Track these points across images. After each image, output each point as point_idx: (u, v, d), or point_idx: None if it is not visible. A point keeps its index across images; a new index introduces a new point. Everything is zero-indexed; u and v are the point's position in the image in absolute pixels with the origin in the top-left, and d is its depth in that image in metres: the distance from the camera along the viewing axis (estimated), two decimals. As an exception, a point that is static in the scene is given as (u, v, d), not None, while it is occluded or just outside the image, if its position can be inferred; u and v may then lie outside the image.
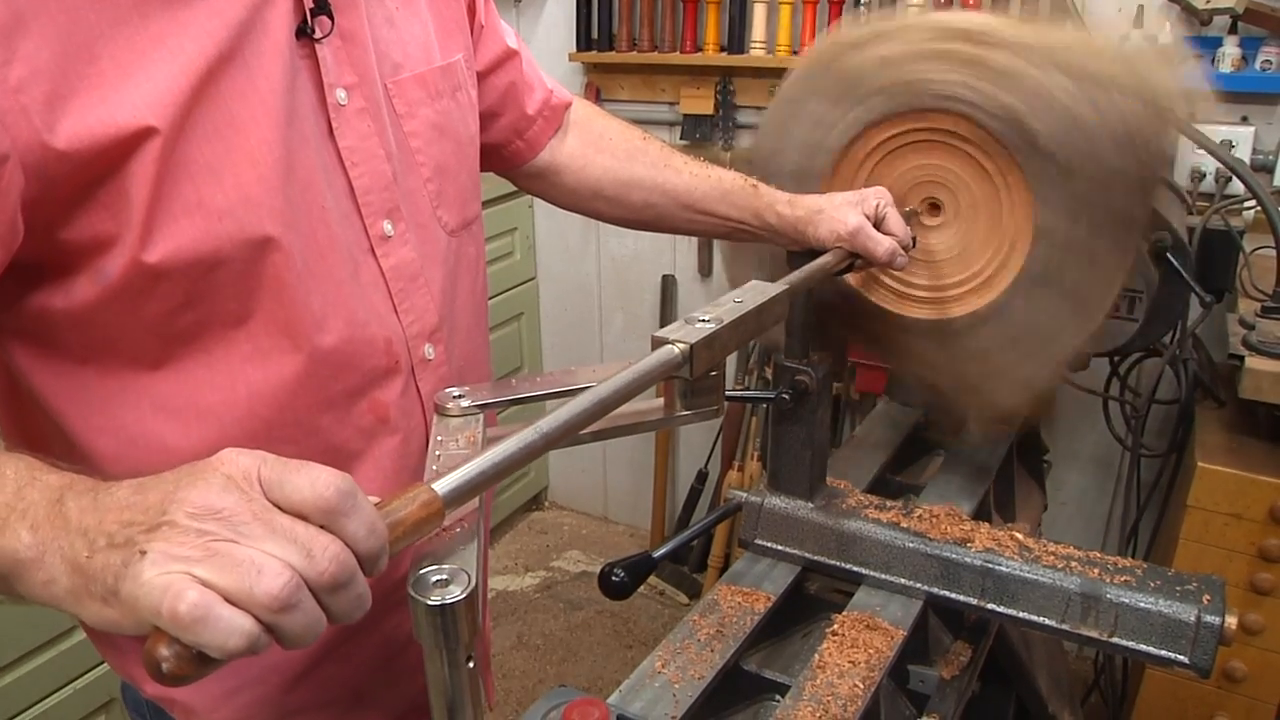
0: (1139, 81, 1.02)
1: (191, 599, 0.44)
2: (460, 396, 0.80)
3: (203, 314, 0.75)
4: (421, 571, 0.54)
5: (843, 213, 1.03)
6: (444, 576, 0.53)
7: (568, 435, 0.60)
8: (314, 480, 0.48)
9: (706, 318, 0.75)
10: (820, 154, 1.15)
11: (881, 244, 1.02)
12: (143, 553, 0.46)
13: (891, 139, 1.12)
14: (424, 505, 0.51)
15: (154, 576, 0.46)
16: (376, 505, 0.50)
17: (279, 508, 0.48)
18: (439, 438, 0.77)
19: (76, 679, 1.83)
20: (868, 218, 1.03)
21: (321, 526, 0.48)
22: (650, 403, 0.81)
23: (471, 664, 0.54)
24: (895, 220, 1.05)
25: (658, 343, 0.71)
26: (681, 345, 0.70)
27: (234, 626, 0.45)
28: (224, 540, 0.46)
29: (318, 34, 0.78)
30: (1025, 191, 1.06)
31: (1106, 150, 1.02)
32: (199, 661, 0.45)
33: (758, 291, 0.83)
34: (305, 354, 0.80)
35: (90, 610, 0.50)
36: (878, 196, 1.05)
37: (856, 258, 1.04)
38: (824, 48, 1.17)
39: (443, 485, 0.52)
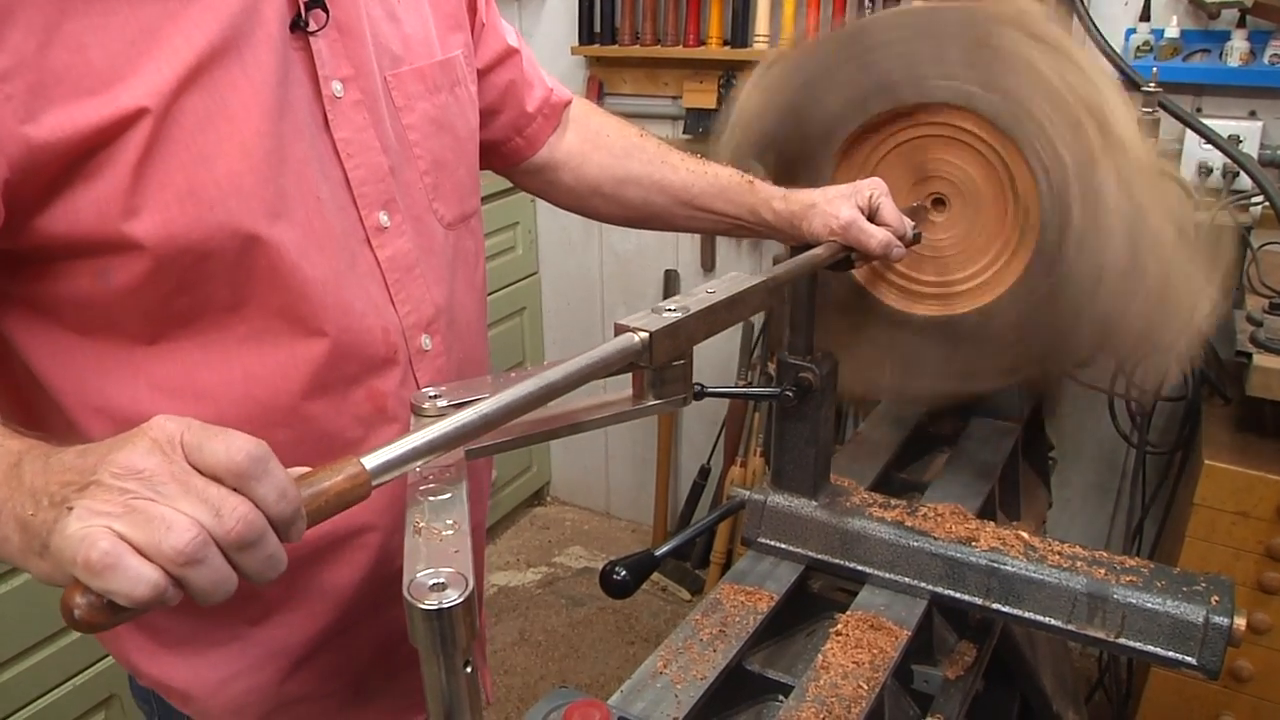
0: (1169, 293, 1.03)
1: (102, 548, 0.47)
2: (436, 396, 0.80)
3: (196, 299, 0.76)
4: (418, 575, 0.53)
5: (835, 206, 1.02)
6: (441, 580, 0.52)
7: (510, 418, 0.61)
8: (229, 445, 0.51)
9: (673, 307, 0.74)
10: (909, 88, 1.11)
11: (874, 236, 1.01)
12: (70, 509, 0.50)
13: (891, 136, 1.11)
14: (349, 478, 0.54)
15: (77, 529, 0.49)
16: (305, 475, 0.53)
17: (198, 471, 0.51)
18: None
19: (76, 675, 1.83)
20: (861, 209, 1.02)
21: (235, 489, 0.51)
22: (620, 394, 0.81)
23: (469, 669, 0.53)
24: (890, 211, 1.03)
25: (619, 330, 0.71)
26: (642, 334, 0.69)
27: (141, 575, 0.48)
28: (142, 499, 0.49)
29: (312, 27, 0.78)
30: (1034, 218, 1.06)
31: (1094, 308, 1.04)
32: (109, 610, 0.48)
33: (733, 283, 0.82)
34: (302, 341, 0.80)
35: (32, 565, 0.54)
36: (871, 187, 1.04)
37: (851, 251, 1.02)
38: (1000, 8, 1.09)
39: (371, 460, 0.55)
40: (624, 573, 0.92)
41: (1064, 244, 1.03)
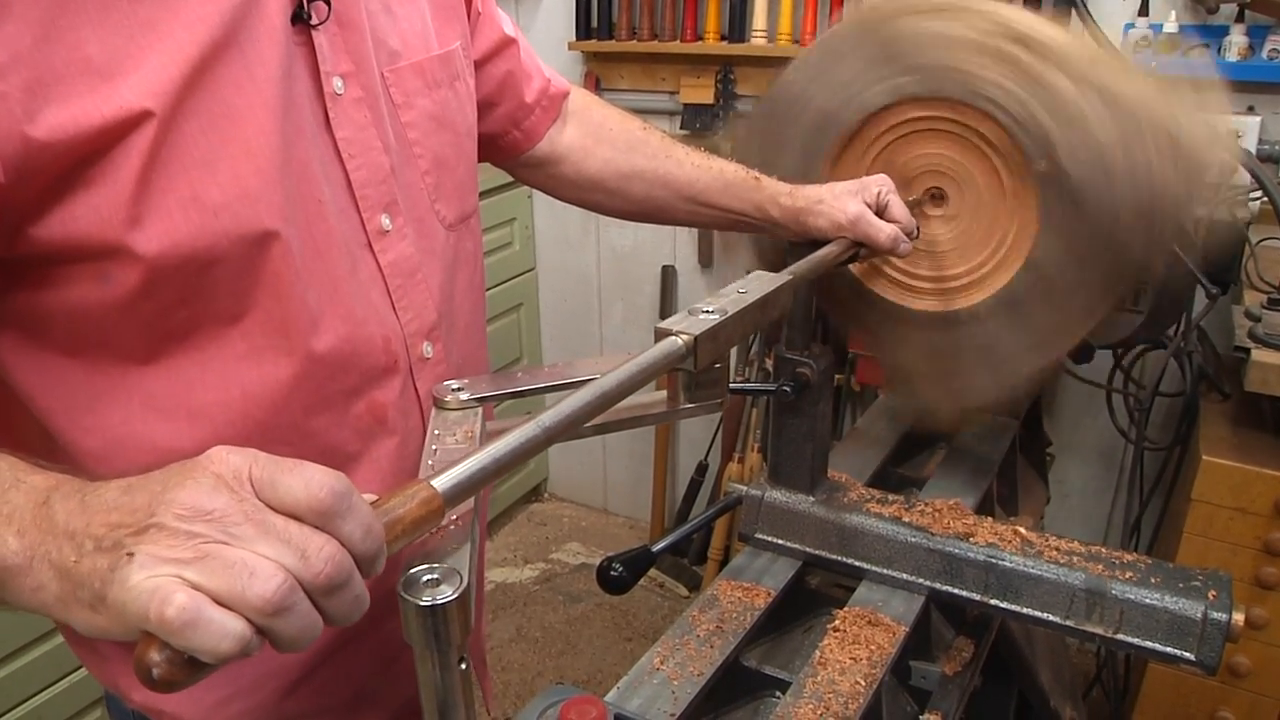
0: (1179, 144, 1.01)
1: (180, 602, 0.43)
2: (459, 389, 0.79)
3: (196, 311, 0.73)
4: (412, 571, 0.52)
5: (843, 202, 1.02)
6: (435, 576, 0.52)
7: (570, 430, 0.59)
8: (308, 481, 0.46)
9: (710, 308, 0.73)
10: (849, 109, 1.12)
11: (883, 230, 1.01)
12: (130, 556, 0.45)
13: (907, 123, 1.10)
14: (423, 503, 0.50)
15: (142, 580, 0.44)
16: (374, 503, 0.49)
17: (271, 508, 0.46)
18: (436, 431, 0.75)
19: (72, 673, 1.82)
20: (869, 205, 1.02)
21: (316, 527, 0.46)
22: (653, 395, 0.80)
23: (464, 665, 0.53)
24: (898, 207, 1.03)
25: (661, 334, 0.70)
26: (685, 337, 0.69)
27: (225, 629, 0.44)
28: (215, 542, 0.45)
29: (314, 20, 0.75)
30: (1032, 210, 1.05)
31: (1124, 205, 1.00)
32: (190, 666, 0.44)
33: (762, 281, 0.81)
34: (302, 353, 0.77)
35: (79, 617, 0.48)
36: (879, 184, 1.04)
37: (860, 247, 1.02)
38: (882, 6, 1.13)
39: (442, 482, 0.51)
40: (621, 569, 0.92)
41: (1055, 155, 1.02)
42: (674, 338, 0.69)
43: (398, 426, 0.87)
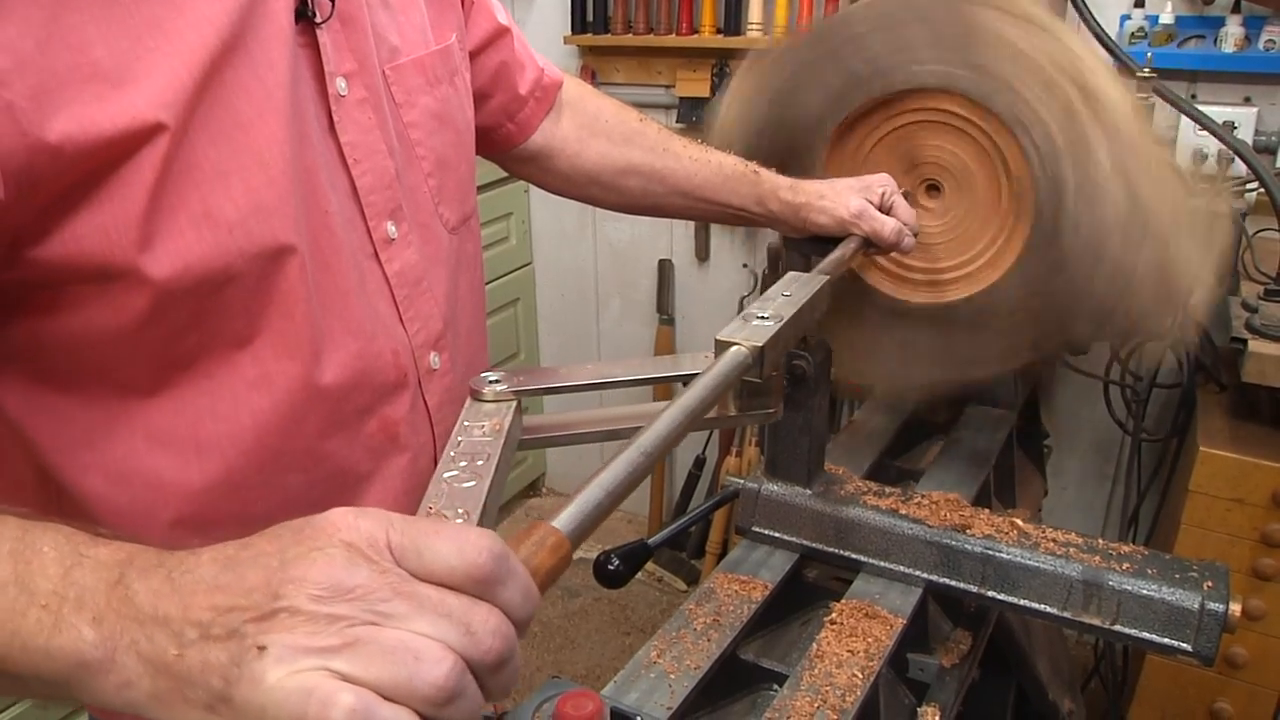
0: (1169, 262, 1.01)
1: (347, 703, 0.37)
2: (496, 381, 0.78)
3: (206, 336, 0.69)
4: None
5: (845, 197, 1.02)
6: None
7: (667, 449, 0.57)
8: (462, 545, 0.41)
9: (765, 314, 0.73)
10: (895, 75, 1.07)
11: (887, 224, 1.01)
12: (261, 648, 0.39)
13: (932, 111, 1.10)
14: (553, 550, 0.46)
15: (284, 678, 0.38)
16: None
17: (418, 579, 0.41)
18: (465, 422, 0.74)
19: (70, 669, 1.82)
20: (872, 204, 1.02)
21: (474, 596, 0.41)
22: None
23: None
24: (903, 207, 1.04)
25: (722, 346, 0.69)
26: (750, 345, 0.68)
27: None
28: (364, 624, 0.39)
29: (318, 18, 0.72)
30: (1024, 222, 1.05)
31: (1095, 291, 1.02)
32: None
33: (802, 283, 0.81)
34: (313, 374, 0.74)
35: (188, 718, 0.41)
36: (882, 184, 1.04)
37: (868, 244, 1.03)
38: None
39: (565, 523, 0.47)
40: (618, 563, 0.92)
41: (1060, 217, 1.02)
42: (738, 347, 0.68)
43: (409, 443, 0.85)
